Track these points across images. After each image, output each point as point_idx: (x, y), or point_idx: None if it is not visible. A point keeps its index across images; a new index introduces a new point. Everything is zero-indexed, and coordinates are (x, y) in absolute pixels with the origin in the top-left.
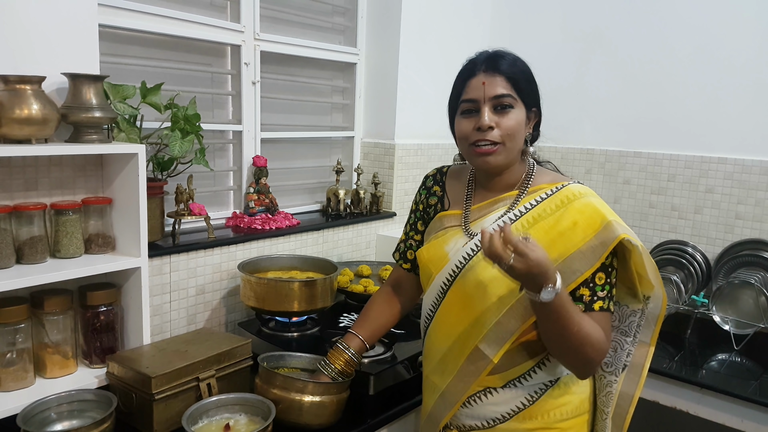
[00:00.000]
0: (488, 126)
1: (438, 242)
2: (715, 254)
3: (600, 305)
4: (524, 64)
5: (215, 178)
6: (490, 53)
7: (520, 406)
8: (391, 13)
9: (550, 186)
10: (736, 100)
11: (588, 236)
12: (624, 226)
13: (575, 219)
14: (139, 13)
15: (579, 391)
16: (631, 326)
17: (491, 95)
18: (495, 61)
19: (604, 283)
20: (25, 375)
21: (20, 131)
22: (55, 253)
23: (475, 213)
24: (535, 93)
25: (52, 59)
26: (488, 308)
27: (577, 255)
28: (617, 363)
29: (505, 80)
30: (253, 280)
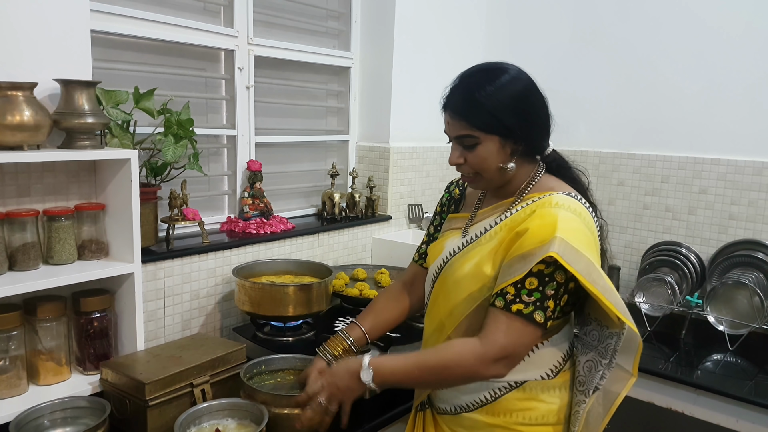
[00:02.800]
0: (456, 163)
1: (442, 239)
2: (709, 255)
3: (519, 308)
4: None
5: (209, 183)
6: (452, 89)
7: (483, 400)
8: (384, 16)
9: (541, 194)
10: (729, 102)
11: (534, 244)
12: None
13: (531, 225)
14: (132, 18)
15: (549, 401)
16: (607, 348)
17: (454, 136)
18: (454, 101)
19: (533, 289)
20: (19, 382)
21: (12, 138)
22: (48, 260)
23: (478, 216)
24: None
25: (44, 65)
26: (460, 303)
27: (518, 258)
28: (589, 384)
29: (465, 121)
30: (248, 285)
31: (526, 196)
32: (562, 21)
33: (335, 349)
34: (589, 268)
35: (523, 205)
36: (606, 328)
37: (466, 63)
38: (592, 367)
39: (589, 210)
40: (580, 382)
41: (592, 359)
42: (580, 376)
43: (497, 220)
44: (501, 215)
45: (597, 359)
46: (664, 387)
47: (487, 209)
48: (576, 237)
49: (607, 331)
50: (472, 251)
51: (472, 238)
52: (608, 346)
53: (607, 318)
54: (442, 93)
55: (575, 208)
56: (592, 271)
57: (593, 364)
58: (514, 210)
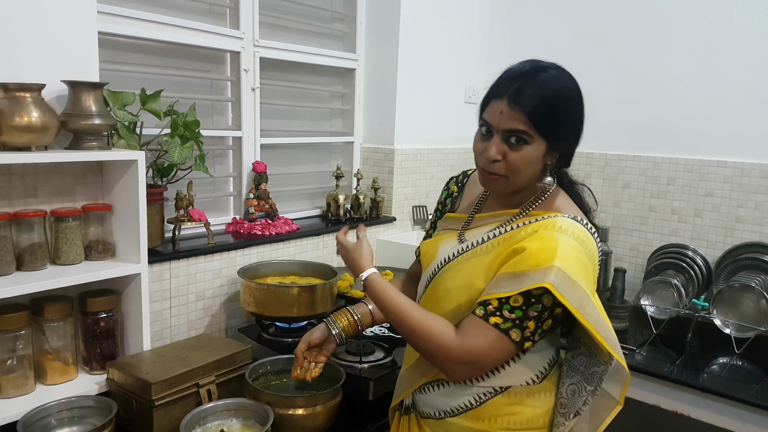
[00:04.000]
0: (494, 159)
1: (435, 239)
2: (715, 258)
3: (496, 321)
4: (560, 90)
5: (215, 184)
6: (521, 73)
7: (467, 405)
8: (389, 18)
9: (546, 213)
10: (735, 104)
11: (529, 267)
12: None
13: (529, 246)
14: (139, 20)
15: (534, 405)
16: (593, 376)
17: (505, 128)
18: (523, 92)
19: (516, 306)
20: (26, 382)
21: (20, 138)
22: (55, 260)
23: (476, 221)
24: (563, 125)
25: (52, 67)
26: (447, 313)
27: (509, 275)
28: (571, 407)
29: (526, 117)
30: (253, 286)
31: (531, 212)
32: (566, 23)
33: (341, 321)
34: (583, 301)
35: (526, 222)
36: (594, 356)
37: (470, 64)
38: (576, 391)
39: (593, 236)
40: (562, 404)
41: (576, 384)
42: (562, 398)
43: (496, 231)
44: (501, 227)
45: (582, 384)
46: (670, 390)
47: (486, 215)
48: (574, 267)
49: (595, 359)
50: (466, 262)
51: (467, 246)
52: (594, 374)
53: (597, 347)
54: (493, 83)
55: (579, 234)
56: (586, 304)
57: (577, 389)
58: (515, 225)
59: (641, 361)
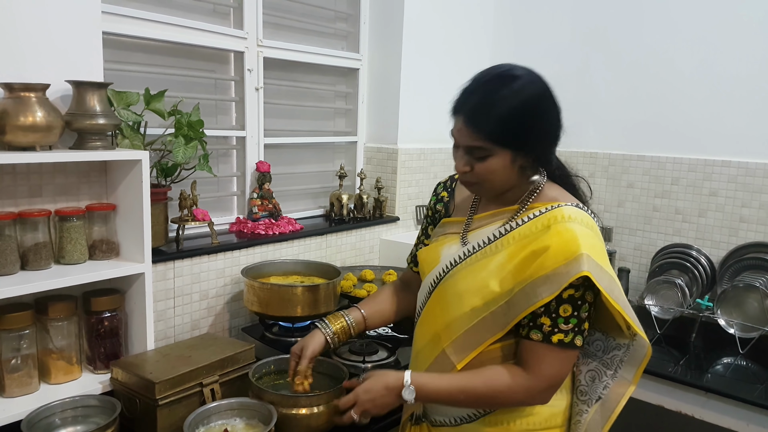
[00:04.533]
0: (462, 171)
1: (435, 245)
2: (719, 257)
3: (560, 338)
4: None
5: (219, 184)
6: (467, 93)
7: (483, 410)
8: (393, 18)
9: (545, 205)
10: (740, 103)
11: (558, 263)
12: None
13: (549, 243)
14: (143, 20)
15: (552, 404)
16: (613, 360)
17: (464, 145)
18: (469, 108)
19: (569, 315)
20: (30, 381)
21: (25, 138)
22: (59, 260)
23: (476, 222)
24: (524, 134)
25: (57, 67)
26: (460, 317)
27: (542, 279)
28: (592, 393)
29: (482, 134)
30: (257, 286)
31: (530, 206)
32: (569, 22)
33: (334, 324)
34: (611, 285)
35: (530, 216)
36: (612, 339)
37: (473, 64)
38: (596, 376)
39: (595, 221)
40: (582, 391)
41: (595, 369)
42: (582, 385)
43: (502, 230)
44: (505, 224)
45: (601, 369)
46: (673, 390)
47: (486, 215)
48: (598, 253)
49: (613, 342)
50: (477, 263)
51: (474, 248)
52: (614, 357)
53: (615, 330)
54: (455, 95)
55: (587, 222)
56: (614, 288)
57: (596, 374)
58: (520, 221)
59: None
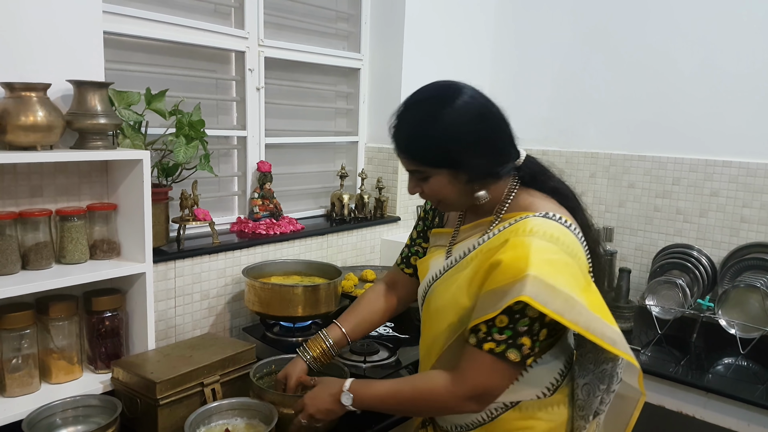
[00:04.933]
0: (413, 193)
1: (428, 257)
2: (720, 258)
3: (491, 347)
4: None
5: (220, 184)
6: (398, 123)
7: (480, 420)
8: (394, 18)
9: (516, 215)
10: (741, 103)
11: (506, 280)
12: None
13: (502, 257)
14: (144, 20)
15: (548, 419)
16: (604, 374)
17: (405, 168)
18: (397, 136)
19: (504, 327)
20: (31, 380)
21: (26, 138)
22: (60, 259)
23: (461, 234)
24: (454, 153)
25: (58, 66)
26: (441, 333)
27: (489, 294)
28: (588, 408)
29: (411, 159)
30: (258, 285)
31: (504, 216)
32: (570, 22)
33: (314, 350)
34: (567, 304)
35: (501, 228)
36: (601, 352)
37: (474, 64)
38: (590, 391)
39: (571, 228)
40: (580, 406)
41: (590, 383)
42: (579, 399)
43: (476, 243)
44: (480, 237)
45: (595, 383)
46: (674, 390)
47: (469, 226)
48: (553, 270)
49: (602, 356)
50: (450, 278)
51: (452, 262)
52: (604, 371)
53: None
54: (389, 121)
55: (551, 233)
56: (572, 306)
57: (591, 388)
58: (491, 233)
59: (646, 361)
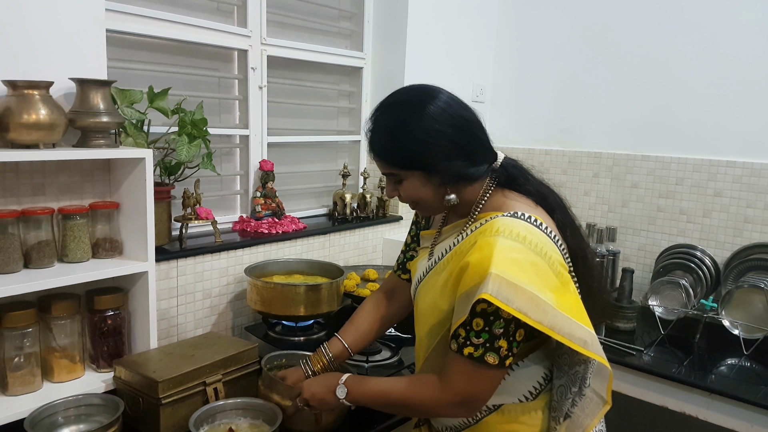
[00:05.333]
0: (391, 197)
1: (416, 259)
2: (723, 258)
3: (470, 351)
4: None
5: (222, 183)
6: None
7: (465, 423)
8: (397, 16)
9: (488, 215)
10: (745, 103)
11: (473, 281)
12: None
13: (470, 259)
14: (147, 18)
15: (530, 423)
16: (576, 375)
17: (381, 171)
18: (370, 140)
19: (480, 330)
20: (33, 379)
21: (28, 136)
22: (62, 258)
23: (443, 234)
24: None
25: (60, 64)
26: (425, 336)
27: (462, 297)
28: (560, 410)
29: (384, 162)
30: (260, 285)
31: (478, 216)
32: (572, 20)
33: (315, 365)
34: (532, 303)
35: (472, 229)
36: (575, 354)
37: (477, 63)
38: (563, 392)
39: (541, 227)
40: (553, 407)
41: (564, 384)
42: (553, 400)
43: (451, 244)
44: (456, 237)
45: (567, 385)
46: (677, 391)
47: (449, 227)
48: (514, 269)
49: (576, 357)
50: (430, 281)
51: (433, 264)
52: (576, 373)
53: None
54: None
55: (518, 232)
56: (536, 306)
57: (564, 390)
58: (465, 234)
59: (649, 361)
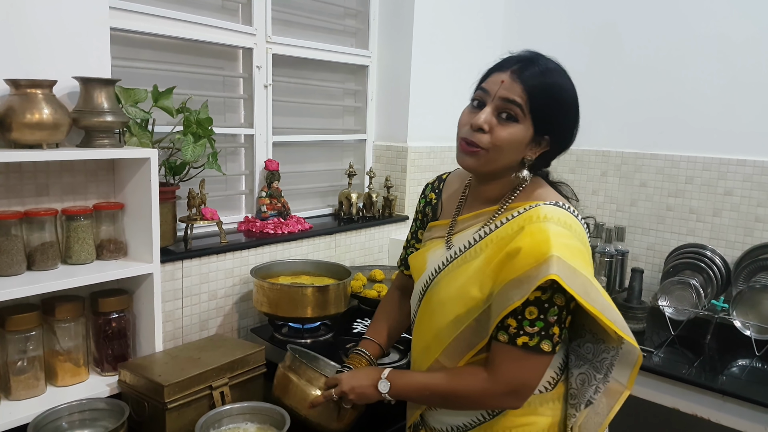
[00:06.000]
0: (479, 127)
1: (423, 250)
2: (734, 258)
3: (524, 341)
4: (560, 83)
5: (227, 183)
6: (529, 56)
7: (479, 419)
8: (403, 14)
9: (525, 204)
10: (756, 100)
11: (529, 265)
12: (567, 266)
13: (521, 244)
14: (151, 16)
15: (548, 414)
16: (603, 363)
17: (501, 96)
18: (527, 67)
19: (535, 318)
20: (36, 383)
21: (31, 136)
22: (66, 259)
23: (460, 224)
24: (555, 117)
25: (64, 63)
26: (447, 326)
27: (514, 282)
28: (581, 397)
29: (526, 92)
30: (266, 286)
31: (510, 205)
32: (581, 19)
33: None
34: (586, 287)
35: (509, 217)
36: (602, 342)
37: (484, 61)
38: (586, 380)
39: (579, 219)
40: (572, 395)
41: (585, 372)
42: (572, 389)
43: (481, 232)
44: (484, 226)
45: (591, 373)
46: (689, 393)
47: (468, 216)
48: (571, 254)
49: (603, 345)
50: (457, 269)
51: (456, 252)
52: (603, 360)
53: (604, 332)
54: (505, 57)
55: (565, 220)
56: (590, 290)
57: (587, 377)
58: (499, 222)
59: (659, 362)
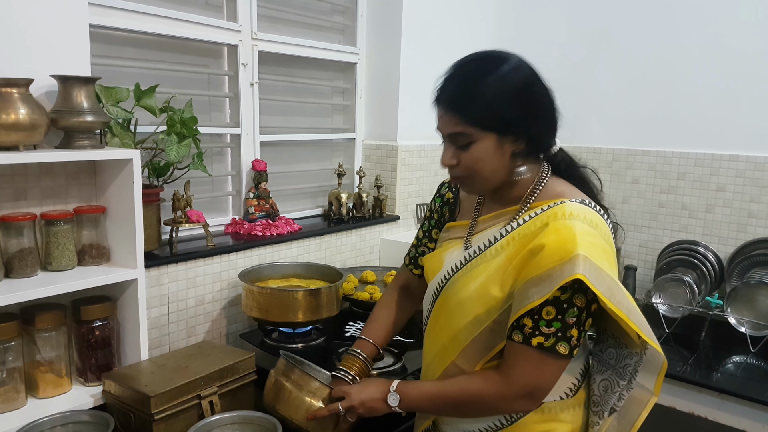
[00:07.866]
0: (448, 165)
1: (439, 251)
2: (727, 254)
3: (539, 341)
4: (489, 83)
5: (213, 184)
6: (445, 80)
7: (498, 425)
8: (391, 10)
9: (548, 202)
10: (748, 95)
11: (553, 263)
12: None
13: (545, 241)
14: (132, 12)
15: (570, 420)
16: (626, 369)
17: (446, 133)
18: (447, 93)
19: (552, 319)
20: (17, 396)
21: (7, 137)
22: (46, 266)
23: (480, 225)
24: (508, 114)
25: (41, 61)
26: (465, 326)
27: (535, 280)
28: (604, 405)
29: (459, 117)
30: (255, 290)
31: (533, 204)
32: (571, 16)
33: (351, 368)
34: (612, 289)
35: (531, 215)
36: (625, 347)
37: None
38: (609, 386)
39: (604, 218)
40: (594, 402)
41: (608, 378)
42: (595, 395)
43: (503, 231)
44: (507, 225)
45: (614, 379)
46: (685, 391)
47: (489, 216)
48: (597, 253)
49: (626, 350)
50: (476, 268)
51: (475, 252)
52: (627, 366)
53: (627, 337)
54: (435, 85)
55: (591, 219)
56: (615, 292)
57: (610, 384)
58: (521, 220)
59: None
